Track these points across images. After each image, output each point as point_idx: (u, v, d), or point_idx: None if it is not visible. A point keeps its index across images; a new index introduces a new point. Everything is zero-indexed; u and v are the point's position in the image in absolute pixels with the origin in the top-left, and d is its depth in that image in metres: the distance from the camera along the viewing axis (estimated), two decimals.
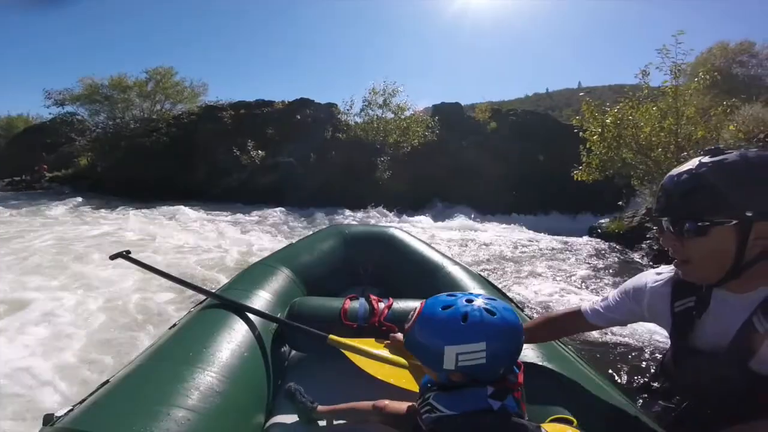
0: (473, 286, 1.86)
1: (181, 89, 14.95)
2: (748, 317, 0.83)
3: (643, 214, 8.26)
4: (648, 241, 7.49)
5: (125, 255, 1.58)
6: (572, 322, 1.20)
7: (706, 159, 0.82)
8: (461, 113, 15.37)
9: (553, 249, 7.52)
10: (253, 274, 1.93)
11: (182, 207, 9.79)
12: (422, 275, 2.05)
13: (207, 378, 1.12)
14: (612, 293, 1.15)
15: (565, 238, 8.64)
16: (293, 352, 1.74)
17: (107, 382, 1.12)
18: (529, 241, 8.30)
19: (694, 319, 0.94)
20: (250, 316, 1.51)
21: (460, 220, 10.40)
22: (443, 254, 2.29)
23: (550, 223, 10.50)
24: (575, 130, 8.00)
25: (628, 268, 6.37)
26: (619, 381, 2.76)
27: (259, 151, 12.52)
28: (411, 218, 10.34)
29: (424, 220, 10.19)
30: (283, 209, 10.46)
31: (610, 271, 6.15)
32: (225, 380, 1.15)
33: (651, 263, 6.54)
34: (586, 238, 8.67)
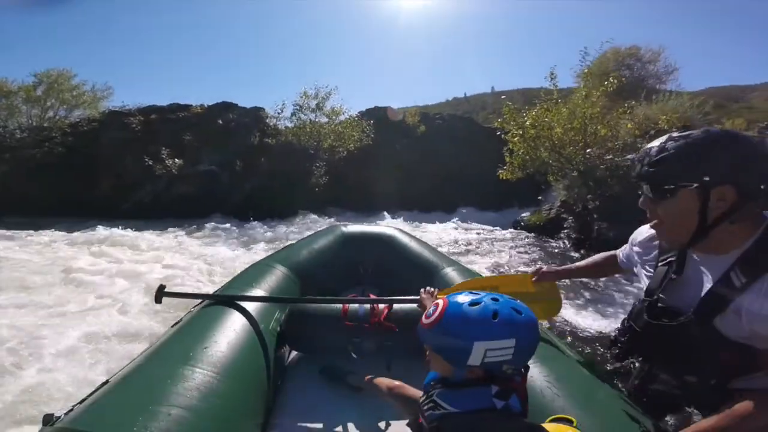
0: None
1: (79, 93, 13.11)
2: (725, 273, 0.89)
3: (558, 207, 9.07)
4: (565, 230, 8.22)
5: (164, 291, 1.58)
6: (610, 265, 1.37)
7: (675, 134, 0.92)
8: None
9: (484, 242, 7.97)
10: (253, 275, 1.91)
11: (85, 227, 8.54)
12: (422, 275, 2.07)
13: (207, 378, 1.12)
14: (630, 242, 1.25)
15: (493, 232, 9.17)
16: (293, 352, 1.76)
17: (107, 382, 1.11)
18: (463, 236, 8.69)
19: (671, 274, 1.01)
20: (251, 316, 1.50)
21: (398, 222, 10.57)
22: (442, 254, 2.31)
23: (480, 219, 11.12)
24: (498, 133, 8.49)
25: (550, 254, 6.96)
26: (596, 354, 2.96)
27: (176, 159, 11.47)
28: (351, 223, 10.19)
29: (364, 225, 10.15)
30: (208, 221, 9.63)
31: (536, 257, 6.68)
32: (225, 380, 1.15)
33: (572, 248, 7.23)
34: (511, 231, 9.28)
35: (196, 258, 6.09)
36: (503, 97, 9.42)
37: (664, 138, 0.92)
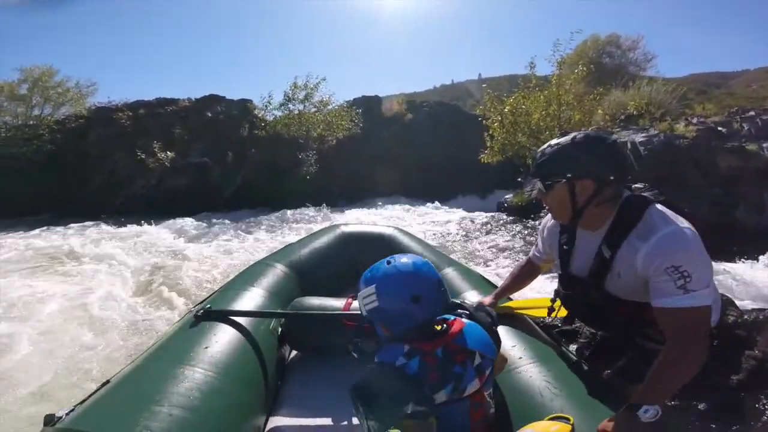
0: (472, 285, 1.90)
1: (64, 90, 12.91)
2: (599, 247, 1.16)
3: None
4: (545, 209, 8.61)
5: (209, 313, 1.48)
6: (530, 271, 1.57)
7: (553, 141, 1.19)
8: (381, 106, 15.77)
9: (472, 225, 8.35)
10: (253, 274, 1.90)
11: (78, 224, 8.49)
12: None
13: (207, 378, 1.13)
14: (539, 235, 1.49)
15: (480, 215, 9.56)
16: (293, 352, 1.76)
17: (108, 382, 1.13)
18: (452, 221, 9.04)
19: (568, 251, 1.26)
20: (251, 316, 1.51)
21: (389, 209, 10.82)
22: (443, 254, 2.35)
23: (465, 204, 11.45)
24: (479, 119, 8.81)
25: (532, 232, 7.39)
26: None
27: (168, 153, 11.56)
28: (342, 212, 10.37)
29: (355, 213, 10.33)
30: (202, 214, 9.77)
31: (519, 236, 7.15)
32: (225, 381, 1.16)
33: None
34: (495, 214, 9.69)
35: (194, 252, 6.18)
36: (484, 85, 9.73)
37: (545, 146, 1.20)
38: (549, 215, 1.40)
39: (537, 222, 8.31)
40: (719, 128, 6.66)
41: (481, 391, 0.97)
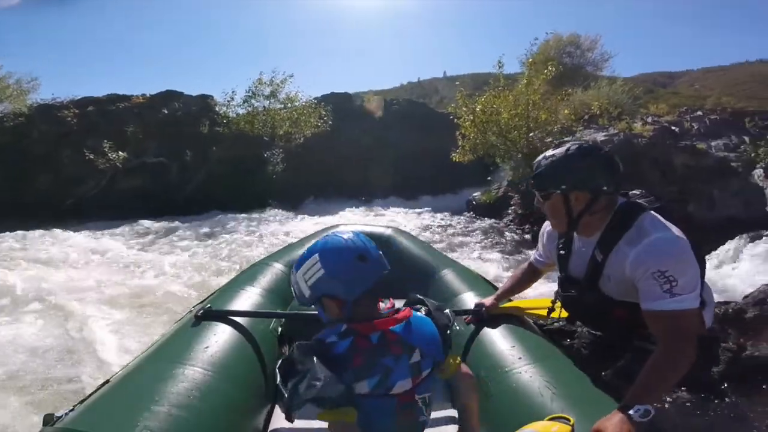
0: (472, 285, 1.91)
1: (3, 87, 11.67)
2: (593, 252, 1.23)
3: (506, 186, 9.73)
4: (512, 207, 8.86)
5: (209, 313, 1.47)
6: (531, 274, 1.61)
7: (548, 153, 1.24)
8: (350, 102, 15.55)
9: (443, 224, 8.45)
10: (252, 274, 1.91)
11: (24, 229, 7.86)
12: (423, 275, 2.05)
13: (207, 378, 1.12)
14: (539, 240, 1.53)
15: (450, 214, 9.66)
16: None
17: (107, 382, 1.12)
18: (424, 220, 9.08)
19: (566, 255, 1.33)
20: (251, 316, 1.51)
21: (361, 209, 10.69)
22: (442, 254, 2.35)
23: (436, 203, 11.52)
24: (450, 117, 8.88)
25: (499, 230, 7.53)
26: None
27: (119, 152, 10.84)
28: (311, 215, 10.06)
29: (324, 214, 10.05)
30: (160, 216, 9.14)
31: (487, 233, 7.30)
32: (226, 381, 1.15)
33: (516, 225, 7.83)
34: (465, 215, 9.82)
35: (150, 257, 5.85)
36: (457, 83, 9.82)
37: (540, 157, 1.25)
38: (547, 222, 1.44)
39: (504, 219, 8.52)
40: (672, 127, 7.05)
41: (412, 393, 0.90)
